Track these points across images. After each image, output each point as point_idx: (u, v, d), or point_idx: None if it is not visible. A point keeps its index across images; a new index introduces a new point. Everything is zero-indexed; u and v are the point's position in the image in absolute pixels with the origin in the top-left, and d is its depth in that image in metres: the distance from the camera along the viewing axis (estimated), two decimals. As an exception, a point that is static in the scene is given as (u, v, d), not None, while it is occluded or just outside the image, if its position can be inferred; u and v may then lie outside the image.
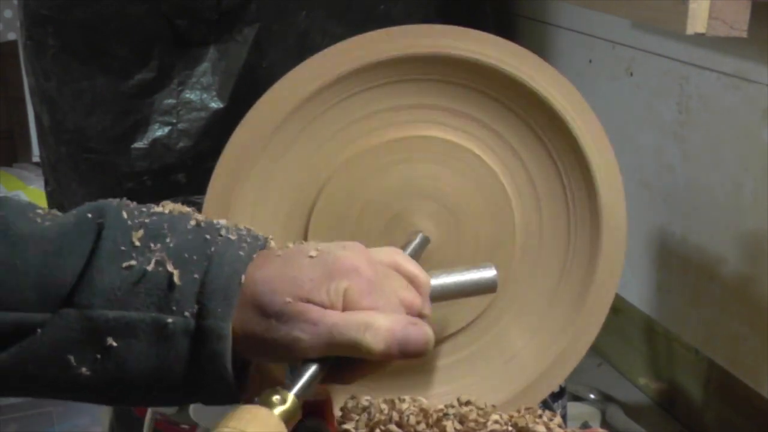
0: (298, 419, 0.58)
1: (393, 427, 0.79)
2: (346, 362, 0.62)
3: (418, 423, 0.80)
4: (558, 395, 1.05)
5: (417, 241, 0.82)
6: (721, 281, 1.29)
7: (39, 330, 0.58)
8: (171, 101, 1.50)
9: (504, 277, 0.85)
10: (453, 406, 0.80)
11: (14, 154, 3.24)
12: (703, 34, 1.09)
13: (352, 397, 0.82)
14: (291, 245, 0.65)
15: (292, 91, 0.82)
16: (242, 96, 1.49)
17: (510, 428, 0.78)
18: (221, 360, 0.58)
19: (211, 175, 0.83)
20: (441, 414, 0.79)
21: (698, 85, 1.30)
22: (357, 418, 0.80)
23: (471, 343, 0.90)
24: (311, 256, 0.62)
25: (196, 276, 0.59)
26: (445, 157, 0.85)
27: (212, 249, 0.60)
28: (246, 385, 0.63)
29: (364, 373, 0.65)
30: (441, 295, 0.77)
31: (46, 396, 0.63)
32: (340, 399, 0.82)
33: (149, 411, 1.09)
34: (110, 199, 0.64)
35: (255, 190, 0.83)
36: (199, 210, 0.84)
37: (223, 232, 0.62)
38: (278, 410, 0.56)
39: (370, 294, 0.61)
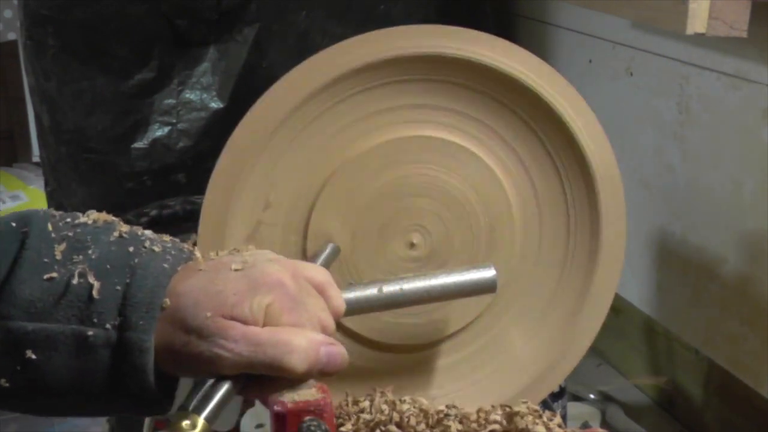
0: None
1: (393, 427, 0.79)
2: (258, 378, 0.61)
3: (418, 423, 0.80)
4: (558, 395, 1.05)
5: (327, 251, 0.81)
6: (721, 281, 1.28)
7: None
8: (171, 101, 1.50)
9: (504, 277, 0.85)
10: (454, 407, 0.80)
11: (14, 154, 3.24)
12: (703, 34, 1.09)
13: (353, 398, 0.82)
14: (214, 256, 0.64)
15: (292, 91, 0.82)
16: (242, 96, 1.49)
17: (510, 428, 0.78)
18: (143, 373, 0.57)
19: (211, 176, 0.83)
20: (442, 415, 0.79)
21: (698, 85, 1.30)
22: (357, 418, 0.80)
23: (471, 343, 0.90)
24: (236, 269, 0.61)
25: (118, 288, 0.58)
26: (444, 157, 0.85)
27: (136, 260, 0.59)
28: (174, 397, 0.62)
29: (276, 388, 0.63)
30: (441, 295, 0.77)
31: None
32: (339, 399, 0.82)
33: (149, 411, 1.09)
34: (36, 209, 0.63)
35: (255, 190, 0.83)
36: (199, 210, 0.84)
37: (147, 243, 0.61)
38: None
39: (292, 310, 0.60)
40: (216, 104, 1.52)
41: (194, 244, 0.81)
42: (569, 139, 0.86)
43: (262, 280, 0.60)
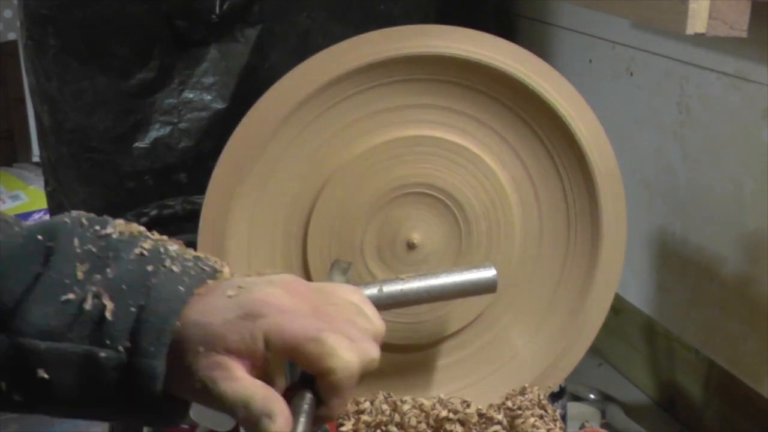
0: None
1: (393, 428, 0.79)
2: None
3: (418, 423, 0.80)
4: (558, 395, 1.05)
5: (342, 267, 0.79)
6: (721, 281, 1.28)
7: None
8: (172, 101, 1.50)
9: (504, 277, 0.85)
10: (457, 411, 0.80)
11: (14, 154, 3.24)
12: (703, 34, 1.09)
13: (353, 398, 0.82)
14: (227, 274, 0.61)
15: (292, 91, 0.82)
16: (244, 96, 1.49)
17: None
18: (152, 398, 0.56)
19: (211, 177, 0.83)
20: (444, 418, 0.79)
21: (698, 85, 1.30)
22: (357, 419, 0.80)
23: (471, 343, 0.90)
24: (230, 296, 0.57)
25: (132, 309, 0.57)
26: (444, 156, 0.85)
27: (153, 281, 0.58)
28: (187, 409, 0.62)
29: None
30: (441, 295, 0.77)
31: None
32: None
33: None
34: (64, 219, 0.61)
35: (255, 190, 0.83)
36: (200, 210, 0.84)
37: (167, 263, 0.59)
38: None
39: (292, 323, 0.56)
40: (217, 104, 1.52)
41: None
42: (569, 139, 0.86)
43: (251, 304, 0.57)
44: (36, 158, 3.06)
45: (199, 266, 0.60)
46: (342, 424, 0.80)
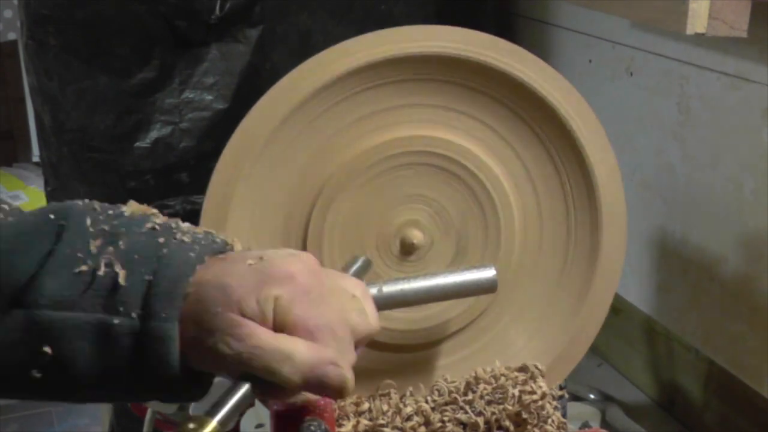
0: None
1: (391, 431, 0.79)
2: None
3: (419, 425, 0.80)
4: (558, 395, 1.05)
5: (359, 264, 0.78)
6: (721, 281, 1.29)
7: None
8: (173, 101, 1.51)
9: (504, 277, 0.85)
10: (457, 417, 0.80)
11: (14, 154, 3.24)
12: (703, 34, 1.09)
13: (353, 399, 0.82)
14: (240, 250, 0.63)
15: (292, 91, 0.82)
16: (245, 96, 1.49)
17: None
18: (167, 363, 0.57)
19: (211, 177, 0.83)
20: (444, 421, 0.80)
21: (698, 85, 1.30)
22: (357, 422, 0.80)
23: (471, 343, 0.90)
24: (250, 264, 0.59)
25: (145, 278, 0.57)
26: (444, 157, 0.85)
27: (164, 251, 0.58)
28: (210, 385, 0.62)
29: (287, 396, 0.62)
30: (441, 295, 0.77)
31: (3, 396, 0.62)
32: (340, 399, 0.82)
33: (149, 411, 1.09)
34: (76, 201, 0.62)
35: (255, 191, 0.83)
36: (200, 211, 0.84)
37: (178, 235, 0.60)
38: None
39: (302, 304, 0.58)
40: (218, 104, 1.52)
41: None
42: (569, 139, 0.86)
43: (271, 272, 0.58)
44: (36, 158, 3.06)
45: (210, 239, 0.61)
46: (342, 424, 0.80)
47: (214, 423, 0.55)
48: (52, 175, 1.59)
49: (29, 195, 2.86)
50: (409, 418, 0.81)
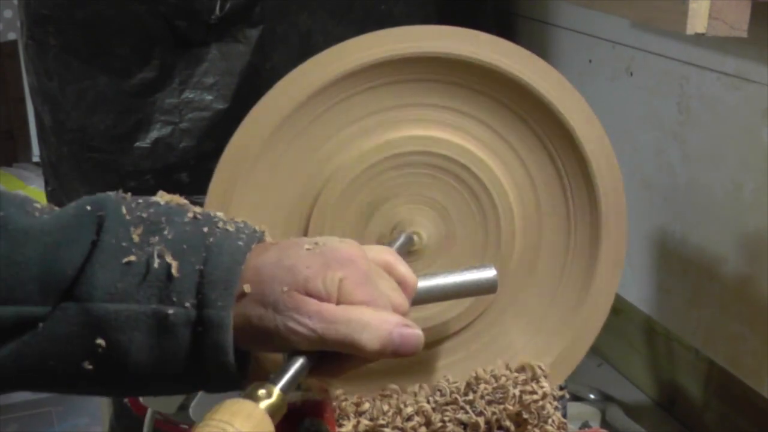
0: (283, 413, 0.57)
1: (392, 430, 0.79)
2: (334, 355, 0.62)
3: (420, 425, 0.80)
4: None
5: (402, 239, 0.81)
6: (721, 281, 1.29)
7: (40, 324, 0.58)
8: (173, 101, 1.51)
9: (504, 277, 0.85)
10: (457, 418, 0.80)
11: (14, 154, 3.24)
12: (703, 34, 1.09)
13: (354, 399, 0.82)
14: (270, 240, 0.65)
15: (292, 92, 0.82)
16: (245, 96, 1.49)
17: None
18: (223, 349, 0.58)
19: (211, 178, 0.83)
20: (444, 422, 0.80)
21: (698, 85, 1.30)
22: (357, 422, 0.80)
23: (471, 343, 0.90)
24: (308, 249, 0.61)
25: (196, 267, 0.58)
26: (444, 157, 0.85)
27: (210, 240, 0.60)
28: (248, 372, 0.63)
29: (352, 367, 0.64)
30: (441, 295, 0.77)
31: (49, 390, 0.63)
32: (340, 399, 0.82)
33: (149, 411, 1.09)
34: (108, 193, 0.63)
35: (255, 192, 0.83)
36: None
37: (220, 224, 0.62)
38: (264, 404, 0.55)
39: (364, 286, 0.61)
40: (218, 104, 1.52)
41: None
42: (569, 139, 0.86)
43: (334, 256, 0.61)
44: (36, 158, 3.06)
45: (251, 228, 0.63)
46: (343, 424, 0.80)
47: (277, 390, 0.56)
48: (52, 175, 1.59)
49: (29, 195, 2.86)
50: (409, 419, 0.81)
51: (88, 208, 0.61)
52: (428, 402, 0.83)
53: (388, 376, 0.86)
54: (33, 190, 2.86)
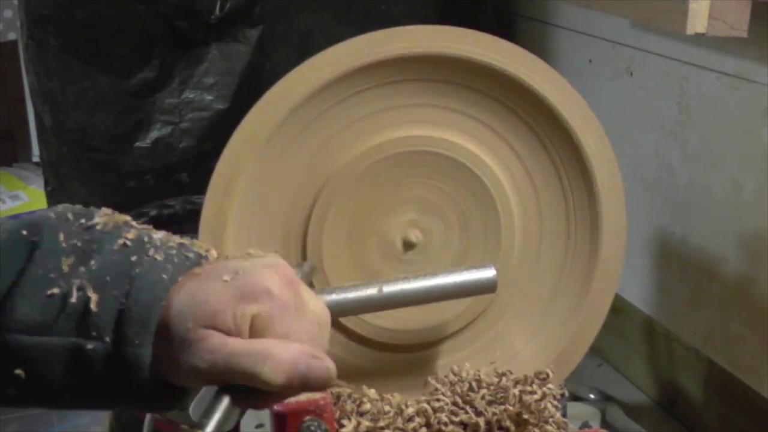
0: None
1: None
2: (256, 389, 0.59)
3: (420, 426, 0.80)
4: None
5: (306, 268, 0.75)
6: (721, 281, 1.29)
7: None
8: (173, 101, 1.51)
9: (504, 277, 0.85)
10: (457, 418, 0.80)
11: (14, 154, 3.24)
12: (703, 34, 1.09)
13: (355, 399, 0.82)
14: (214, 258, 0.62)
15: (292, 91, 0.82)
16: (245, 96, 1.49)
17: None
18: (141, 386, 0.57)
19: (211, 178, 0.83)
20: (444, 422, 0.80)
21: (698, 85, 1.30)
22: (358, 423, 0.80)
23: (471, 343, 0.90)
24: (225, 280, 0.58)
25: (117, 300, 0.57)
26: (444, 157, 0.85)
27: (137, 270, 0.58)
28: (190, 391, 0.62)
29: (274, 399, 0.62)
30: (441, 295, 0.77)
31: None
32: (340, 399, 0.82)
33: (150, 411, 1.09)
34: (50, 214, 0.61)
35: (255, 191, 0.83)
36: (200, 210, 0.84)
37: (150, 252, 0.59)
38: None
39: (280, 318, 0.58)
40: (218, 104, 1.52)
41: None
42: (569, 139, 0.86)
43: (249, 289, 0.58)
44: (36, 158, 3.05)
45: (183, 254, 0.60)
46: (342, 425, 0.80)
47: None
48: (52, 175, 1.59)
49: (29, 195, 2.86)
50: (410, 419, 0.81)
51: (24, 233, 0.59)
52: (445, 383, 0.82)
53: (388, 376, 0.86)
54: (33, 190, 2.86)
